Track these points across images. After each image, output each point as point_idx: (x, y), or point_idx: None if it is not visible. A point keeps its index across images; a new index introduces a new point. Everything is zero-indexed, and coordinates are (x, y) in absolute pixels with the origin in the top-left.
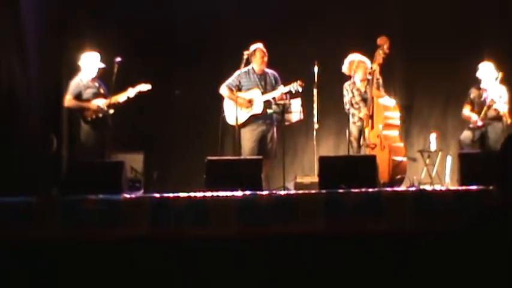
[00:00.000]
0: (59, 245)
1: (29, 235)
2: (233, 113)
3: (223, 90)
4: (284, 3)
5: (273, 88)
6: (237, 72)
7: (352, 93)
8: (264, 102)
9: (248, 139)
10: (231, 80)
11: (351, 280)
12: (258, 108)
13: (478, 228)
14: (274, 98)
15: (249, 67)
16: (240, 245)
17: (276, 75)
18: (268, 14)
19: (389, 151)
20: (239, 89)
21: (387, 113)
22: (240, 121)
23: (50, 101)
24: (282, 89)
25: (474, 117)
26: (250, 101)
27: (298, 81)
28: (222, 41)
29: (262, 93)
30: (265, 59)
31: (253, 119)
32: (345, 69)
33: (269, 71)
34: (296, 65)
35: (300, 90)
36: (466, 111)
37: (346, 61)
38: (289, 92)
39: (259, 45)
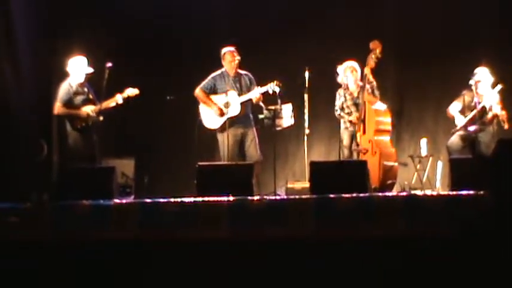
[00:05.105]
0: (48, 249)
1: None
2: (210, 116)
3: (199, 93)
4: (275, 9)
5: (249, 89)
6: (212, 75)
7: (345, 97)
8: (241, 104)
9: (227, 142)
10: (205, 83)
11: (341, 285)
12: (234, 111)
13: (469, 234)
14: (263, 103)
15: (223, 69)
16: (231, 249)
17: (251, 76)
18: (259, 20)
19: (379, 156)
20: (214, 92)
21: (378, 118)
22: (218, 125)
23: (40, 106)
24: (259, 90)
25: (458, 121)
26: (225, 105)
27: (275, 81)
28: (214, 46)
29: (238, 95)
30: (233, 63)
31: (230, 121)
32: (339, 79)
33: (243, 72)
34: (287, 69)
35: (278, 90)
36: (454, 110)
37: (339, 70)
38: (267, 92)
39: (229, 49)
